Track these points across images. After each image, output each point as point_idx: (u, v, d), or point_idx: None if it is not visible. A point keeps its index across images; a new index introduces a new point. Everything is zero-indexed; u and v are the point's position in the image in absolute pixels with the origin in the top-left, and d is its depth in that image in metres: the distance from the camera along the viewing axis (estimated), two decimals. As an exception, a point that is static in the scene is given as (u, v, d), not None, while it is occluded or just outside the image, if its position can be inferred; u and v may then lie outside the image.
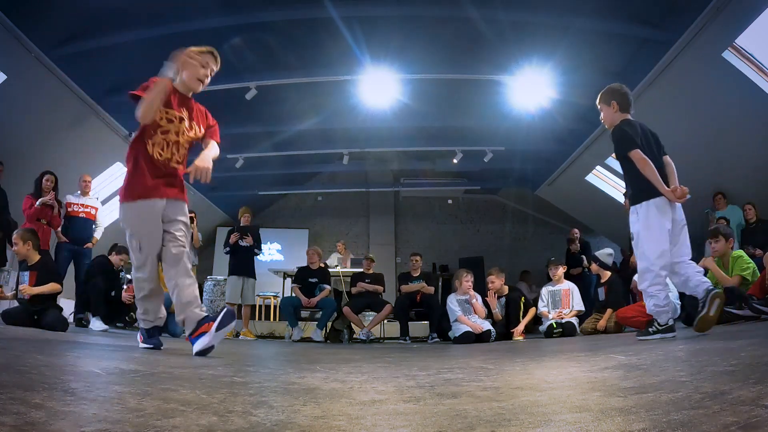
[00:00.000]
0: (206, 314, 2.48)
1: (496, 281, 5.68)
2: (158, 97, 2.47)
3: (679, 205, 2.90)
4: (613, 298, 5.24)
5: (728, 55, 5.28)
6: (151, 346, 2.68)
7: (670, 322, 2.86)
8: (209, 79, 2.65)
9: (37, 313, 4.16)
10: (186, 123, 2.60)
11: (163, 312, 2.76)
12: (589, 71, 6.15)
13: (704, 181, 6.79)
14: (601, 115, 3.22)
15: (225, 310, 2.45)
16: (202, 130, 2.70)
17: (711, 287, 2.73)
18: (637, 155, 2.86)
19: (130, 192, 2.52)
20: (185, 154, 2.65)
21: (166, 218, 2.54)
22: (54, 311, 4.23)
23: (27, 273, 4.31)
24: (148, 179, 2.49)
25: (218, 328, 2.34)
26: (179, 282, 2.48)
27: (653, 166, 2.84)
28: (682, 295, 5.44)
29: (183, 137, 2.59)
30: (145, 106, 2.43)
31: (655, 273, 2.81)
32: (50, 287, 4.27)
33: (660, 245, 2.80)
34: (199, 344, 2.35)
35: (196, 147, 2.73)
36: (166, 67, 2.56)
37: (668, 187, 2.85)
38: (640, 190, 2.90)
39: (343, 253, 8.17)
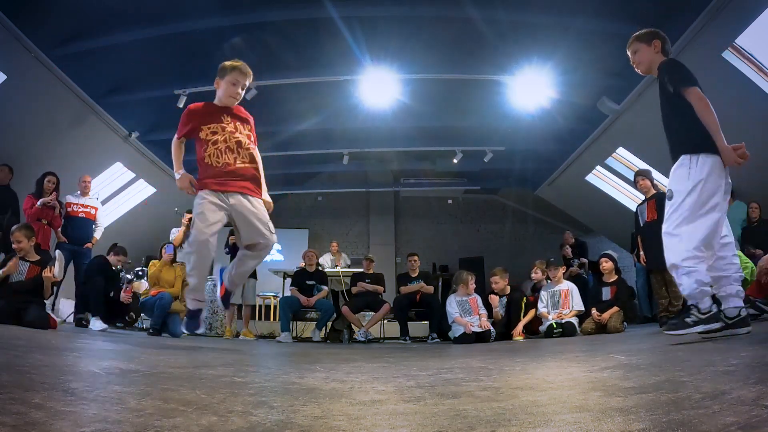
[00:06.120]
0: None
1: (500, 282, 5.69)
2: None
3: (727, 174, 2.32)
4: (622, 297, 5.28)
5: (728, 55, 5.27)
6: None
7: (714, 309, 2.24)
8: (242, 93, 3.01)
9: (21, 308, 4.06)
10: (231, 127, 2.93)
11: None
12: (589, 71, 6.15)
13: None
14: (636, 55, 2.60)
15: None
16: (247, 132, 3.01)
17: (743, 307, 2.24)
18: (697, 94, 2.31)
19: None
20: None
21: None
22: (36, 307, 4.14)
23: (27, 265, 4.30)
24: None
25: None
26: None
27: (714, 112, 2.27)
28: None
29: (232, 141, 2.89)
30: None
31: (695, 246, 2.23)
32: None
33: (709, 215, 2.25)
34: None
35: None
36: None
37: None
38: (701, 137, 2.29)
39: (335, 254, 8.18)
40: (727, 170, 2.32)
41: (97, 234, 6.23)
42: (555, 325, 5.21)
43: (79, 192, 6.11)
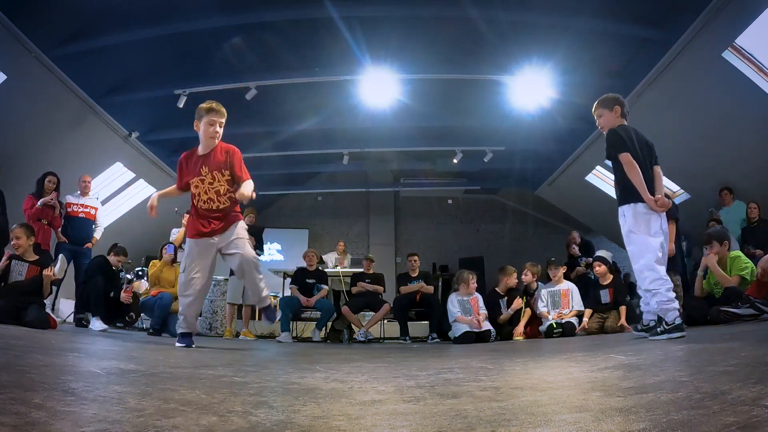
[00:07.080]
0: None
1: (514, 279, 5.74)
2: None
3: (663, 216, 2.94)
4: (621, 299, 5.30)
5: (728, 55, 5.27)
6: (184, 345, 3.17)
7: (678, 321, 2.71)
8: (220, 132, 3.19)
9: (21, 308, 4.04)
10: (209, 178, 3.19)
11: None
12: (589, 71, 6.15)
13: (706, 180, 6.79)
14: (600, 119, 3.23)
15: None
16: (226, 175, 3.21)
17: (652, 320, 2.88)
18: (626, 158, 2.93)
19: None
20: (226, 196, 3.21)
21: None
22: (36, 307, 4.12)
23: (26, 265, 4.29)
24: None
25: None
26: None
27: (639, 171, 2.90)
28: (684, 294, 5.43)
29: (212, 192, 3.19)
30: None
31: (651, 269, 2.79)
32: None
33: (652, 242, 2.82)
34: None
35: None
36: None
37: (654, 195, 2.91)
38: (625, 192, 2.96)
39: (341, 254, 8.18)
40: (660, 216, 2.90)
41: (97, 234, 6.23)
42: (555, 325, 5.21)
43: (79, 192, 6.11)
